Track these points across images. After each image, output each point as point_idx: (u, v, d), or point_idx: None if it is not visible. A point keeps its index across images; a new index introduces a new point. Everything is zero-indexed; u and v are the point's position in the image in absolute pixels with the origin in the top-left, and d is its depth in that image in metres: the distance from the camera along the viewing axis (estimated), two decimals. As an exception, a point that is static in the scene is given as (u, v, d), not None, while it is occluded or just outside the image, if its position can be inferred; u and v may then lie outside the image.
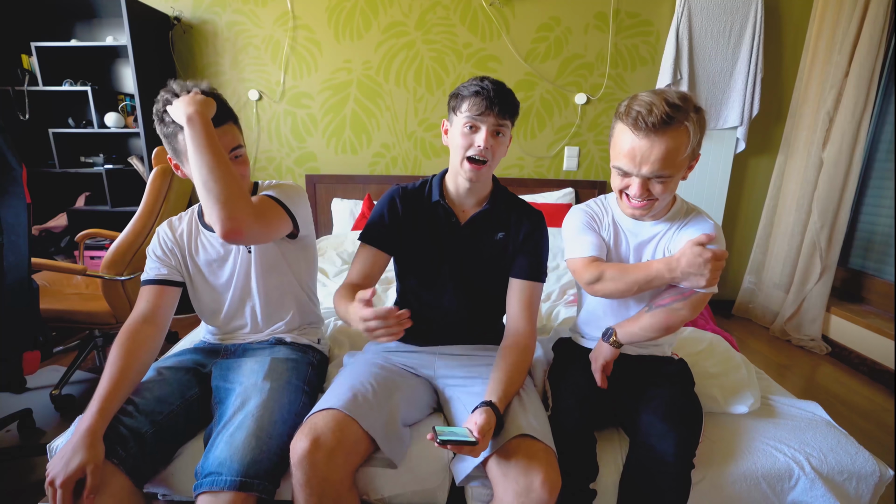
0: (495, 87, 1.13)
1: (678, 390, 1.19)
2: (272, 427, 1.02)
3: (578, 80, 2.94)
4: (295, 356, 1.24)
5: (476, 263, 1.26)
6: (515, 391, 1.13)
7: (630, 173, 1.06)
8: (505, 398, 1.07)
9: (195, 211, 1.31)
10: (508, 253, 1.26)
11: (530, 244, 1.25)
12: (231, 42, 2.92)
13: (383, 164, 3.07)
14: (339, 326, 1.64)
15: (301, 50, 2.92)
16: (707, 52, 2.79)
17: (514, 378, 1.13)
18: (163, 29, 2.87)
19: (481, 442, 0.93)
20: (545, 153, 3.06)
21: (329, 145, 3.05)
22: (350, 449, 0.98)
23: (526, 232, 1.25)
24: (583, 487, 1.05)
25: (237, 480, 0.92)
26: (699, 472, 1.09)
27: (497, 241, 1.26)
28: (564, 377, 1.23)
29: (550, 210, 2.83)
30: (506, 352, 1.18)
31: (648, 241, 1.19)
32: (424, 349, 1.31)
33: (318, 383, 1.27)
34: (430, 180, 1.30)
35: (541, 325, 1.71)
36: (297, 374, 1.19)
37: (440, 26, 2.88)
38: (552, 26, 2.88)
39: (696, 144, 1.05)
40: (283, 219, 1.20)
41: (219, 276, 1.28)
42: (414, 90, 2.96)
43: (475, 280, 1.27)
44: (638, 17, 2.87)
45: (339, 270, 2.38)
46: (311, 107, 2.99)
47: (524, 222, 1.26)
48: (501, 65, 2.92)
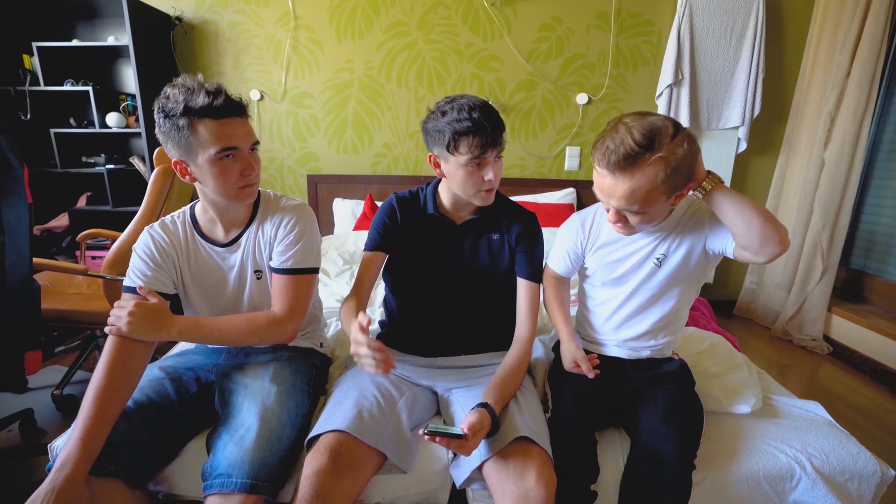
0: (487, 117, 1.10)
1: (679, 390, 1.18)
2: (280, 430, 1.02)
3: (580, 80, 2.93)
4: (297, 358, 1.24)
5: (473, 262, 1.27)
6: (513, 392, 1.14)
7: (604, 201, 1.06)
8: (501, 400, 1.08)
9: (187, 216, 1.21)
10: (506, 252, 1.27)
11: (524, 244, 1.26)
12: (233, 42, 2.92)
13: (385, 164, 3.07)
14: (340, 327, 1.64)
15: (303, 50, 2.92)
16: (709, 52, 2.79)
17: (511, 382, 1.14)
18: (164, 29, 2.87)
19: (471, 439, 0.94)
20: (547, 153, 3.05)
21: (331, 145, 3.05)
22: (359, 471, 0.99)
23: (518, 233, 1.26)
24: (583, 488, 1.05)
25: (247, 483, 0.92)
26: (700, 472, 1.08)
27: (494, 240, 1.27)
28: (565, 378, 1.22)
29: (552, 210, 2.84)
30: (510, 359, 1.19)
31: (641, 248, 1.18)
32: (424, 361, 1.30)
33: (321, 385, 1.27)
34: (424, 192, 1.32)
35: (542, 324, 1.70)
36: (302, 377, 1.19)
37: (442, 26, 2.88)
38: (554, 26, 2.88)
39: (678, 177, 0.97)
40: (314, 283, 1.20)
41: (217, 291, 1.21)
42: (416, 90, 2.96)
43: (474, 280, 1.27)
44: (639, 16, 2.86)
45: (341, 270, 2.38)
46: (313, 107, 2.99)
47: (515, 223, 1.27)
48: (503, 65, 2.92)
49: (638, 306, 1.20)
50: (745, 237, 0.99)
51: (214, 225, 1.19)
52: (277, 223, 1.17)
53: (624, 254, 1.20)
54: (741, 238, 1.00)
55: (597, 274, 1.25)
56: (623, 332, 1.24)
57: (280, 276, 1.15)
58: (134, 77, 2.71)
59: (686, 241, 1.14)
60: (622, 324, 1.24)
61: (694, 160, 0.98)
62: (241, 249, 1.19)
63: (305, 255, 1.16)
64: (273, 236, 1.17)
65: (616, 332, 1.25)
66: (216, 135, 1.00)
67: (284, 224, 1.16)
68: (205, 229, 1.19)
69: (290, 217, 1.17)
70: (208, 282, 1.20)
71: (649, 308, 1.20)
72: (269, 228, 1.17)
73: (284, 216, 1.17)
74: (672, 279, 1.17)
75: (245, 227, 1.19)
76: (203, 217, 1.20)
